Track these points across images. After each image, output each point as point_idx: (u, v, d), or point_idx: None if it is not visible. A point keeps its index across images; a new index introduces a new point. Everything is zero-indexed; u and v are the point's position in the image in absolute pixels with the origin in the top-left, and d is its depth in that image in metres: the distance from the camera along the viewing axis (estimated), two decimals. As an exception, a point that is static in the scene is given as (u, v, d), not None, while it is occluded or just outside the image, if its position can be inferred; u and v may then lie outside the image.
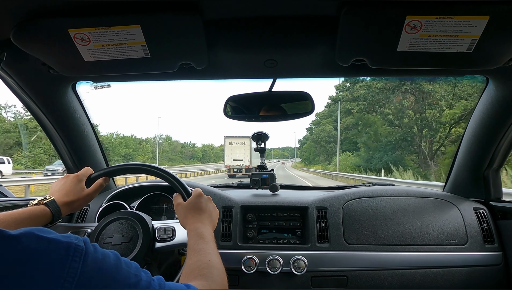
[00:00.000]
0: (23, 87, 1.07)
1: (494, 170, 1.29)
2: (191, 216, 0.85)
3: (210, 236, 0.80)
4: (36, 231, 0.42)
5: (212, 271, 0.66)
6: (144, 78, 1.11)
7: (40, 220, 0.83)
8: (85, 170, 0.97)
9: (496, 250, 1.18)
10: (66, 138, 1.30)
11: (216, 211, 0.94)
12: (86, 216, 1.32)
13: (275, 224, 1.27)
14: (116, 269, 0.47)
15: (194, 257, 0.70)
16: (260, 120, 1.23)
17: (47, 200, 0.86)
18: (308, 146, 60.10)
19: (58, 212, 0.87)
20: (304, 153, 60.95)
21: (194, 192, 0.92)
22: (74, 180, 0.93)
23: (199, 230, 0.79)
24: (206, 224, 0.84)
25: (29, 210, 0.82)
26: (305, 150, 62.81)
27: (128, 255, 0.86)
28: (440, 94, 19.89)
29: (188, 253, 0.73)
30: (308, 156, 57.65)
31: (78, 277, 0.41)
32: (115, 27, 0.76)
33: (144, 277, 0.50)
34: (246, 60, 1.01)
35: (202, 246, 0.74)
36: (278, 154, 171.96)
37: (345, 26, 0.77)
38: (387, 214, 1.24)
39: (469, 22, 0.72)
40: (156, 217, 1.33)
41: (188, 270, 0.67)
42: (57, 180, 0.96)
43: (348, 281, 1.15)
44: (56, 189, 0.92)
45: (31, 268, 0.38)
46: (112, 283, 0.45)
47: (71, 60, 0.87)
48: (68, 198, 0.90)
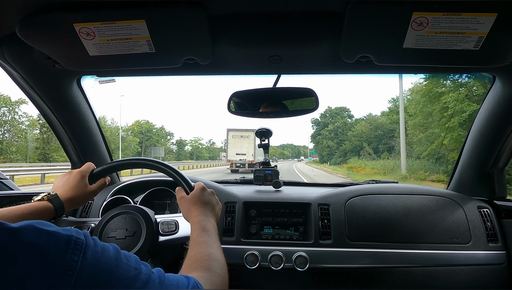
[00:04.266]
0: (29, 81, 1.07)
1: (499, 169, 1.28)
2: (194, 209, 0.86)
3: (213, 228, 0.80)
4: (36, 224, 0.42)
5: (213, 263, 0.67)
6: (149, 73, 1.11)
7: (43, 215, 0.84)
8: (87, 166, 0.97)
9: (500, 249, 1.17)
10: (71, 133, 1.31)
11: (219, 204, 0.94)
12: (90, 210, 1.34)
13: (278, 220, 1.27)
14: (115, 263, 0.47)
15: (196, 249, 0.71)
16: (264, 116, 1.22)
17: (51, 196, 0.87)
18: (322, 138, 53.26)
19: (61, 208, 0.88)
20: (325, 148, 52.04)
21: (196, 185, 0.93)
22: (77, 176, 0.93)
23: (202, 223, 0.80)
24: (210, 217, 0.84)
25: (32, 205, 0.82)
26: (321, 141, 53.89)
27: (131, 249, 0.86)
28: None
29: (190, 245, 0.74)
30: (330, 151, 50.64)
31: (78, 270, 0.41)
32: (120, 21, 0.76)
33: (144, 269, 0.51)
34: (250, 56, 1.00)
35: (204, 239, 0.74)
36: (277, 152, 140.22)
37: (351, 22, 0.76)
38: (390, 211, 1.24)
39: (477, 19, 0.71)
40: (160, 212, 1.34)
41: (189, 262, 0.67)
42: (60, 176, 0.96)
43: (350, 277, 1.16)
44: (59, 184, 0.93)
45: (31, 261, 0.39)
46: (112, 276, 0.45)
47: (76, 55, 0.87)
48: (71, 193, 0.91)
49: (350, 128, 49.12)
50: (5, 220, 0.73)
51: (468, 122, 15.51)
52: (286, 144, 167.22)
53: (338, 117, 55.19)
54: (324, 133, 54.17)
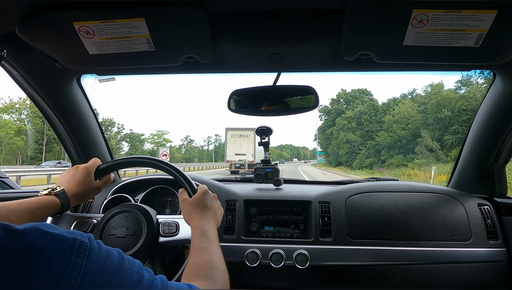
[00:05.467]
0: (29, 80, 1.07)
1: (499, 166, 1.28)
2: (196, 212, 0.85)
3: (214, 234, 0.80)
4: (41, 226, 0.43)
5: (215, 272, 0.66)
6: (148, 72, 1.11)
7: (50, 210, 0.85)
8: (94, 161, 0.97)
9: (500, 246, 1.18)
10: (71, 131, 1.31)
11: (221, 209, 0.93)
12: (90, 208, 1.34)
13: (278, 218, 1.28)
14: (119, 267, 0.47)
15: (197, 256, 0.71)
16: (264, 114, 1.22)
17: (58, 191, 0.87)
18: (339, 130, 39.43)
19: (67, 203, 0.89)
20: (343, 145, 37.96)
21: (199, 188, 0.92)
22: (83, 172, 0.93)
23: (203, 228, 0.79)
24: (211, 222, 0.84)
25: (40, 199, 0.83)
26: (336, 134, 40.11)
27: (131, 248, 0.87)
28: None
29: (192, 251, 0.74)
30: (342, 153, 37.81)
31: (82, 273, 0.41)
32: (119, 20, 0.76)
33: (146, 275, 0.51)
34: (250, 54, 1.00)
35: (206, 245, 0.74)
36: (274, 153, 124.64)
37: (351, 20, 0.76)
38: (390, 209, 1.24)
39: (477, 16, 0.71)
40: (160, 209, 1.34)
41: (191, 269, 0.67)
42: (66, 170, 0.96)
43: (351, 275, 1.16)
44: (66, 179, 0.93)
45: (36, 263, 0.39)
46: (115, 280, 0.45)
47: (76, 53, 0.87)
48: (77, 189, 0.91)
49: (386, 112, 34.20)
50: (15, 213, 0.75)
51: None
52: (284, 144, 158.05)
53: (357, 101, 41.69)
54: (341, 123, 39.01)
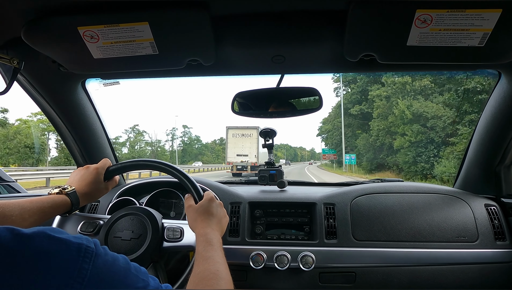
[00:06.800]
0: (34, 85, 1.08)
1: (506, 166, 1.27)
2: (201, 220, 0.85)
3: (219, 243, 0.79)
4: (48, 230, 0.43)
5: (220, 283, 0.66)
6: (152, 75, 1.12)
7: (60, 209, 0.86)
8: (104, 162, 0.98)
9: (507, 247, 1.16)
10: (76, 135, 1.32)
11: (226, 217, 0.93)
12: (96, 211, 1.35)
13: (283, 220, 1.27)
14: (125, 273, 0.47)
15: (202, 265, 0.70)
16: (268, 116, 1.22)
17: (68, 190, 0.88)
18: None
19: (77, 203, 0.89)
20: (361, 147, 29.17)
21: (206, 195, 0.92)
22: (94, 172, 0.94)
23: (208, 236, 0.79)
24: (215, 230, 0.83)
25: (52, 198, 0.84)
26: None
27: (136, 251, 0.87)
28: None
29: (196, 259, 0.73)
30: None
31: (88, 278, 0.41)
32: (123, 24, 0.76)
33: (152, 283, 0.51)
34: (253, 56, 1.00)
35: (211, 254, 0.73)
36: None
37: (354, 21, 0.76)
38: (395, 210, 1.23)
39: (481, 16, 0.70)
40: (165, 211, 1.34)
41: (196, 279, 0.66)
42: (77, 170, 0.97)
43: (356, 277, 1.15)
44: (76, 179, 0.93)
45: (42, 267, 0.39)
46: (120, 285, 0.45)
47: (80, 58, 0.88)
48: (87, 189, 0.92)
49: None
50: (27, 212, 0.77)
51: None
52: (280, 144, 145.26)
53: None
54: (392, 88, 24.64)
